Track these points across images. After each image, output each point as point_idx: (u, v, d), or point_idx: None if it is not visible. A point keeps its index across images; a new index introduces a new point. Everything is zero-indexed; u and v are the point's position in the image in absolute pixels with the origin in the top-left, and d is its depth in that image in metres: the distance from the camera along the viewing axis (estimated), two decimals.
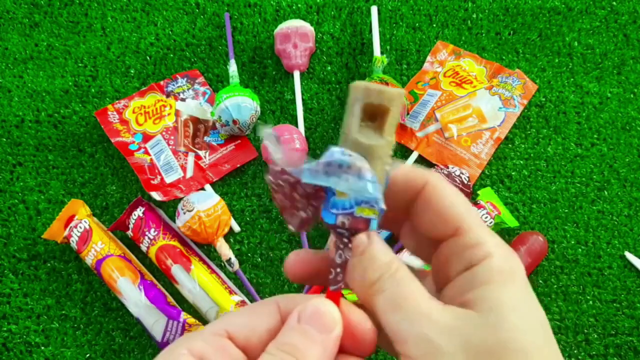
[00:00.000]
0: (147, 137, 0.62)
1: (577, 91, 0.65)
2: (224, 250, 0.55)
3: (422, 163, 0.61)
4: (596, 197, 0.60)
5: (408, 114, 0.63)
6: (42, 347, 0.54)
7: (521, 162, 0.61)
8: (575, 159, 0.62)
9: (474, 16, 0.69)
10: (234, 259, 0.55)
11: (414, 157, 0.61)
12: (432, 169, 0.53)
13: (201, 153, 0.62)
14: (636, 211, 0.59)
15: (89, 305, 0.55)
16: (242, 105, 0.59)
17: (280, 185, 0.20)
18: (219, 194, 0.59)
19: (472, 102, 0.62)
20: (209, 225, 0.54)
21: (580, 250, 0.57)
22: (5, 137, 0.63)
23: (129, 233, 0.56)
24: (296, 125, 0.62)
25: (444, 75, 0.65)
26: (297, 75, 0.64)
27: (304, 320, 0.19)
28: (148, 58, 0.67)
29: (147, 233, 0.54)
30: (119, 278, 0.52)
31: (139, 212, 0.56)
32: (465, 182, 0.56)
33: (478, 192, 0.58)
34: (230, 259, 0.55)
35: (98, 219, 0.58)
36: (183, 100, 0.64)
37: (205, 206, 0.54)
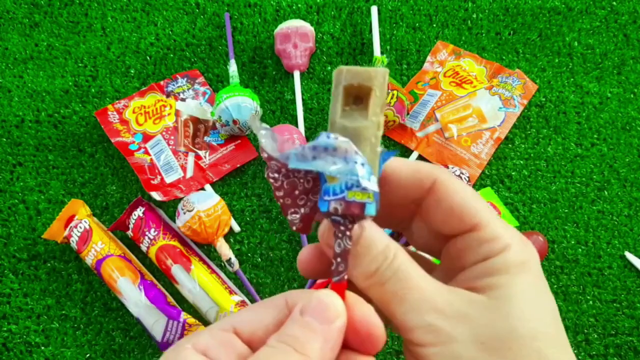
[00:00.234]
0: (147, 137, 0.62)
1: (577, 91, 0.65)
2: (224, 250, 0.55)
3: None
4: (596, 197, 0.60)
5: (408, 114, 0.63)
6: (42, 347, 0.54)
7: (521, 162, 0.61)
8: (575, 159, 0.62)
9: (474, 16, 0.69)
10: (234, 259, 0.55)
11: (414, 157, 0.61)
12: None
13: (201, 153, 0.61)
14: (636, 211, 0.59)
15: (89, 305, 0.55)
16: (242, 105, 0.59)
17: (278, 180, 0.19)
18: (219, 194, 0.59)
19: (472, 102, 0.62)
20: (209, 225, 0.54)
21: (580, 250, 0.57)
22: (5, 137, 0.63)
23: (129, 233, 0.56)
24: (296, 125, 0.62)
25: (444, 75, 0.65)
26: (297, 75, 0.64)
27: (307, 313, 0.19)
28: (148, 58, 0.67)
29: (147, 233, 0.54)
30: (119, 278, 0.52)
31: (139, 212, 0.56)
32: (465, 182, 0.56)
33: (478, 193, 0.58)
34: (230, 259, 0.55)
35: (98, 219, 0.58)
36: (183, 100, 0.64)
37: (205, 206, 0.54)
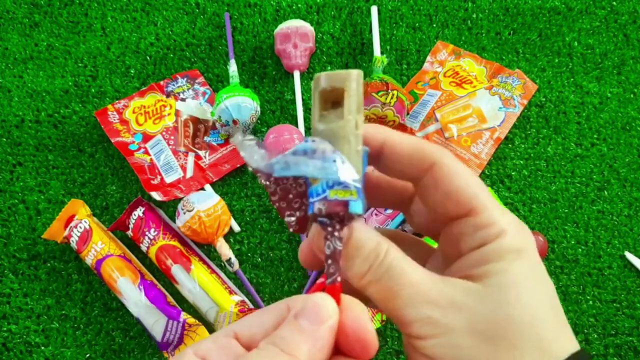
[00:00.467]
0: (147, 137, 0.62)
1: (577, 91, 0.65)
2: (224, 250, 0.55)
3: None
4: (596, 197, 0.60)
5: (408, 114, 0.63)
6: (42, 347, 0.54)
7: (521, 162, 0.61)
8: (575, 159, 0.62)
9: (474, 16, 0.69)
10: (234, 259, 0.55)
11: None
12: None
13: (201, 153, 0.61)
14: (636, 211, 0.59)
15: (89, 305, 0.55)
16: (242, 105, 0.59)
17: (270, 186, 0.20)
18: (219, 194, 0.59)
19: (472, 102, 0.62)
20: (209, 225, 0.54)
21: (580, 250, 0.57)
22: (5, 137, 0.63)
23: (129, 233, 0.56)
24: (296, 125, 0.62)
25: (444, 75, 0.65)
26: (297, 75, 0.64)
27: (300, 315, 0.19)
28: (148, 58, 0.67)
29: (147, 233, 0.54)
30: (119, 278, 0.52)
31: (139, 212, 0.56)
32: None
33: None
34: (230, 259, 0.55)
35: (98, 219, 0.58)
36: (183, 100, 0.64)
37: (205, 206, 0.54)
